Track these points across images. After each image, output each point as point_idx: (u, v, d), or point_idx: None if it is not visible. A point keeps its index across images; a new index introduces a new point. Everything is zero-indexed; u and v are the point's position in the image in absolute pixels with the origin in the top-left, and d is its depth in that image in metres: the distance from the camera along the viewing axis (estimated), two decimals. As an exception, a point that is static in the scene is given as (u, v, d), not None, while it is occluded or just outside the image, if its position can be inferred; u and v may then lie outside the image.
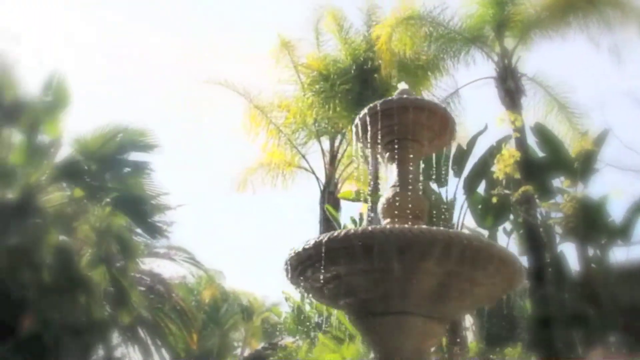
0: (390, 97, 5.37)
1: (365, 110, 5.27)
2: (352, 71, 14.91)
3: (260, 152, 16.34)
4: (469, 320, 12.26)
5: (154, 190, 12.56)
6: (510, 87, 12.45)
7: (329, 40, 15.73)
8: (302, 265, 4.52)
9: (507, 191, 11.30)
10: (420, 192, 5.13)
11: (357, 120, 5.34)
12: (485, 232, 12.05)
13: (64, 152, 11.26)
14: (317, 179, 16.14)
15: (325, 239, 4.30)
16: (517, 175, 10.15)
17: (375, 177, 14.98)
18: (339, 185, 16.22)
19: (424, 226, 4.52)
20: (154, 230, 12.02)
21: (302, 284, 4.70)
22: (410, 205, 4.94)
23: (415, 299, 4.33)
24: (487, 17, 13.18)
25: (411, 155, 5.19)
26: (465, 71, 13.74)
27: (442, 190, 12.18)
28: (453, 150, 12.48)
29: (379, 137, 5.16)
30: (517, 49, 12.99)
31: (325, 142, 16.39)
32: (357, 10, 15.72)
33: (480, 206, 12.22)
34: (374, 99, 15.95)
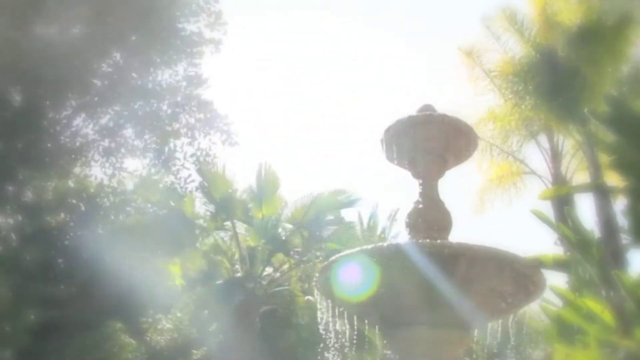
0: (402, 117, 5.50)
1: (383, 130, 5.54)
2: (537, 62, 14.08)
3: (478, 170, 16.14)
4: None
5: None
6: None
7: (509, 39, 15.09)
8: (328, 282, 5.05)
9: None
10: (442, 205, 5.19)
11: (379, 141, 5.60)
12: None
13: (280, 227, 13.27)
14: (540, 177, 15.26)
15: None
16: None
17: (596, 167, 13.58)
18: (570, 179, 15.04)
19: (406, 240, 4.71)
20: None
21: (336, 300, 5.17)
22: (429, 219, 5.08)
23: (416, 309, 4.51)
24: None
25: (430, 169, 5.31)
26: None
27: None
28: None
29: (396, 157, 5.41)
30: None
31: (543, 140, 15.46)
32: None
33: None
34: (565, 85, 14.62)
